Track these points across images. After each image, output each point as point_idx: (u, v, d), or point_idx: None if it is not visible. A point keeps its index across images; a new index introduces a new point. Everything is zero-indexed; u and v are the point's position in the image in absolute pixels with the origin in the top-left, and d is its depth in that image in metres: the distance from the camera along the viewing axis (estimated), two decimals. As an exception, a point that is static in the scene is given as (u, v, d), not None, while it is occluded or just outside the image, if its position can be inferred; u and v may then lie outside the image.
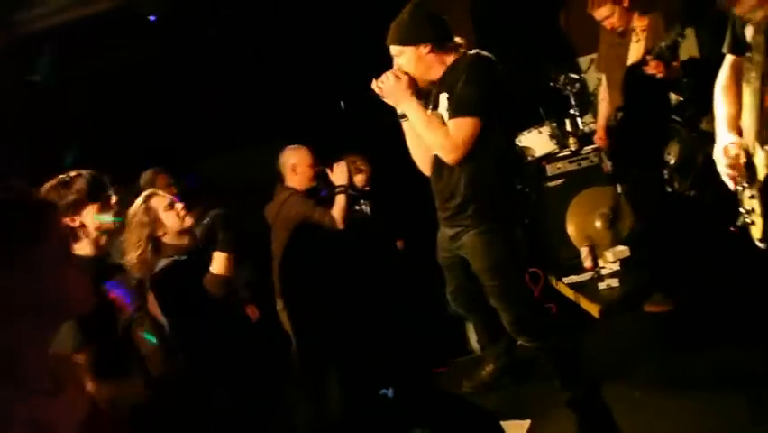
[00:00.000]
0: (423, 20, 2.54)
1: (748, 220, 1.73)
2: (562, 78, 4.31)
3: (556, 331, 2.71)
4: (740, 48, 1.74)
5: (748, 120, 1.60)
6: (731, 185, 1.76)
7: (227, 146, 4.90)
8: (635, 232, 3.81)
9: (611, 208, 3.91)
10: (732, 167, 1.69)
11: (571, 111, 4.40)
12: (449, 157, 2.48)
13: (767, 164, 1.54)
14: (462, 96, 2.43)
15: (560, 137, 4.25)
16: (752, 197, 1.68)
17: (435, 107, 2.60)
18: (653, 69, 3.22)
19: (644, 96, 3.42)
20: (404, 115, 2.61)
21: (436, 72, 2.58)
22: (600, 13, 3.48)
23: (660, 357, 3.02)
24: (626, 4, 3.45)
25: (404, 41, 2.53)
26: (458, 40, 2.61)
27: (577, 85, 4.39)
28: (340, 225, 3.47)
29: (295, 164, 3.68)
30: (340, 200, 3.53)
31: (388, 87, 2.52)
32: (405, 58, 2.54)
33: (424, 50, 2.51)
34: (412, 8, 2.55)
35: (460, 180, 2.54)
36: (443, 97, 2.54)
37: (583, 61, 4.80)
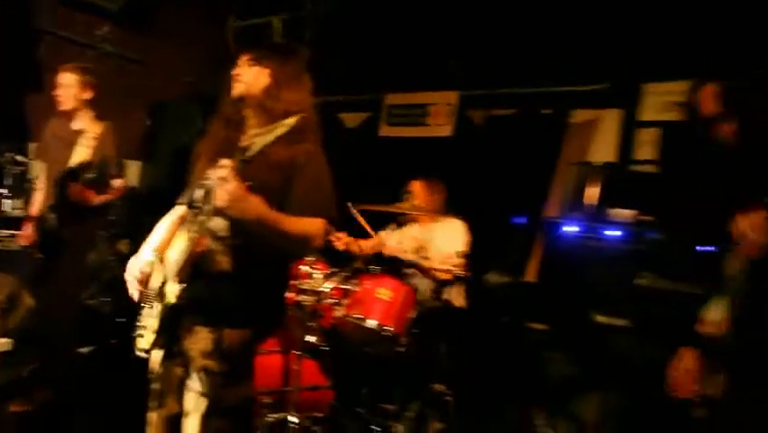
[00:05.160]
0: None
1: (141, 332, 2.01)
2: (7, 156, 4.22)
3: None
4: (193, 205, 2.10)
5: (177, 257, 1.94)
6: (135, 296, 2.04)
7: None
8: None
9: (8, 297, 3.85)
10: (141, 282, 2.01)
11: (2, 190, 4.28)
12: None
13: (177, 296, 1.91)
14: None
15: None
16: (151, 315, 2.00)
17: None
18: (74, 194, 3.51)
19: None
20: None
21: None
22: (65, 78, 3.59)
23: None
24: (87, 95, 3.63)
25: None
26: None
27: (20, 168, 4.35)
28: None
29: None
30: None
31: None
32: None
33: None
34: None
35: None
36: None
37: (33, 148, 4.78)
